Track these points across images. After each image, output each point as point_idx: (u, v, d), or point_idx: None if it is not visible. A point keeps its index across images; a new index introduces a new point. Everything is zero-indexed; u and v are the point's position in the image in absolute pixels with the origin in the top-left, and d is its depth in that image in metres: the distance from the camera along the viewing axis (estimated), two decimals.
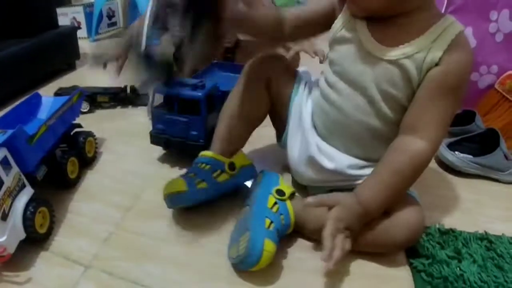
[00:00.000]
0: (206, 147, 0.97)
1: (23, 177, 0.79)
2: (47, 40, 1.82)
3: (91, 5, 2.74)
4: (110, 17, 2.98)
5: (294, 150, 0.94)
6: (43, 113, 1.07)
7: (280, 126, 1.00)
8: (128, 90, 1.52)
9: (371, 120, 0.81)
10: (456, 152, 1.13)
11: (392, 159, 0.76)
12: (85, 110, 1.42)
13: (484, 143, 1.15)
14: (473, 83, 1.37)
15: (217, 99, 1.07)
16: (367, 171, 0.82)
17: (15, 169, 0.77)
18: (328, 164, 0.86)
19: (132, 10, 3.02)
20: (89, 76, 2.00)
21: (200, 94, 1.01)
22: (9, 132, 0.76)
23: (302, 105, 0.94)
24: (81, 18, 2.72)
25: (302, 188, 0.98)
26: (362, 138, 0.83)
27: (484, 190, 1.08)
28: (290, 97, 0.96)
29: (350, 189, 0.80)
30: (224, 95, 1.02)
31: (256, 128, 0.99)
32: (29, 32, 1.75)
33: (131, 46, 0.84)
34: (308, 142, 0.89)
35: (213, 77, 1.31)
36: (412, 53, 0.74)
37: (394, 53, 0.76)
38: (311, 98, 0.94)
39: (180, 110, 1.03)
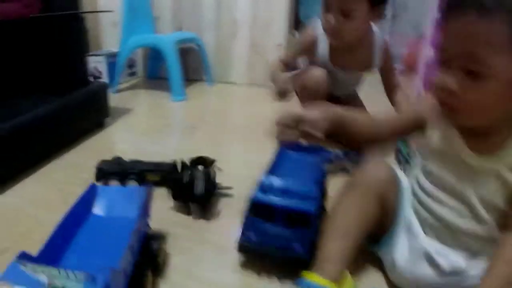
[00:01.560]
0: (308, 261, 0.83)
1: None
2: (77, 99, 1.67)
3: (112, 54, 2.61)
4: (130, 66, 2.86)
5: (403, 254, 0.87)
6: (99, 207, 0.90)
7: (380, 230, 0.92)
8: (179, 167, 1.34)
9: (469, 224, 0.79)
10: None
11: (508, 257, 0.71)
12: None
13: None
14: None
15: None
16: (475, 264, 0.79)
17: None
18: (443, 262, 0.81)
19: (152, 60, 2.91)
20: (118, 135, 1.84)
21: (312, 208, 0.87)
22: (100, 280, 0.58)
23: (408, 210, 0.90)
24: (103, 67, 2.59)
25: None
26: (458, 239, 0.81)
27: None
28: (396, 205, 0.90)
29: None
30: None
31: None
32: (58, 89, 1.60)
33: None
34: (419, 244, 0.84)
35: (287, 161, 1.17)
36: (508, 158, 0.73)
37: (491, 162, 0.75)
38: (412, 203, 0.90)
39: (282, 221, 0.88)
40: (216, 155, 1.24)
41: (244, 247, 0.91)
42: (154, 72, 2.96)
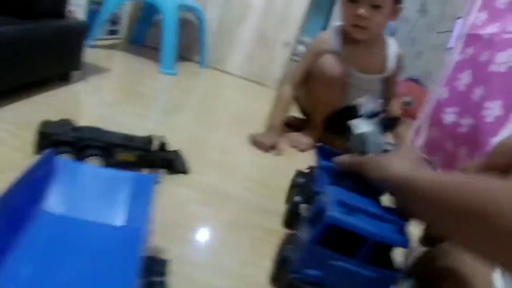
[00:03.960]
0: None
1: None
2: (44, 32, 1.20)
3: (98, 2, 2.14)
4: (113, 23, 2.38)
5: None
6: (60, 197, 0.47)
7: None
8: (156, 145, 0.94)
9: None
10: None
11: None
12: None
13: None
14: None
15: None
16: None
17: None
18: None
19: (141, 23, 2.47)
20: (86, 96, 1.40)
21: (406, 241, 0.64)
22: None
23: None
24: (81, 13, 2.09)
25: None
26: None
27: None
28: None
29: None
30: None
31: None
32: (22, 13, 1.14)
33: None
34: None
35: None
36: None
37: None
38: None
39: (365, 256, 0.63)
40: (197, 141, 1.10)
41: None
42: (139, 38, 2.51)
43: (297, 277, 0.64)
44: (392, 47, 1.58)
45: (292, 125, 1.73)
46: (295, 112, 1.76)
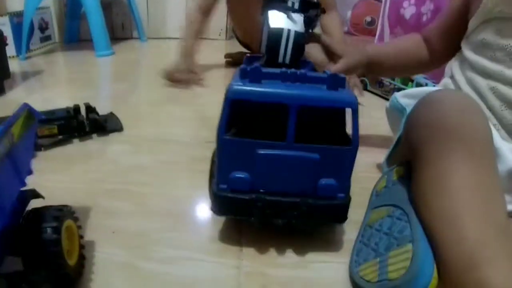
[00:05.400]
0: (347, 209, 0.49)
1: None
2: None
3: (19, 14, 2.09)
4: (42, 29, 2.33)
5: None
6: None
7: None
8: (84, 112, 1.00)
9: None
10: None
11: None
12: None
13: None
14: None
15: None
16: None
17: None
18: None
19: (70, 20, 2.42)
20: (23, 99, 1.38)
21: (351, 98, 0.46)
22: None
23: None
24: (7, 31, 2.06)
25: None
26: None
27: None
28: None
29: None
30: None
31: None
32: None
33: None
34: None
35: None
36: None
37: None
38: None
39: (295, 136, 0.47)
40: (150, 112, 1.08)
41: (227, 200, 0.49)
42: (73, 35, 2.46)
43: (223, 187, 0.50)
44: None
45: (239, 62, 1.73)
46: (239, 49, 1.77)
